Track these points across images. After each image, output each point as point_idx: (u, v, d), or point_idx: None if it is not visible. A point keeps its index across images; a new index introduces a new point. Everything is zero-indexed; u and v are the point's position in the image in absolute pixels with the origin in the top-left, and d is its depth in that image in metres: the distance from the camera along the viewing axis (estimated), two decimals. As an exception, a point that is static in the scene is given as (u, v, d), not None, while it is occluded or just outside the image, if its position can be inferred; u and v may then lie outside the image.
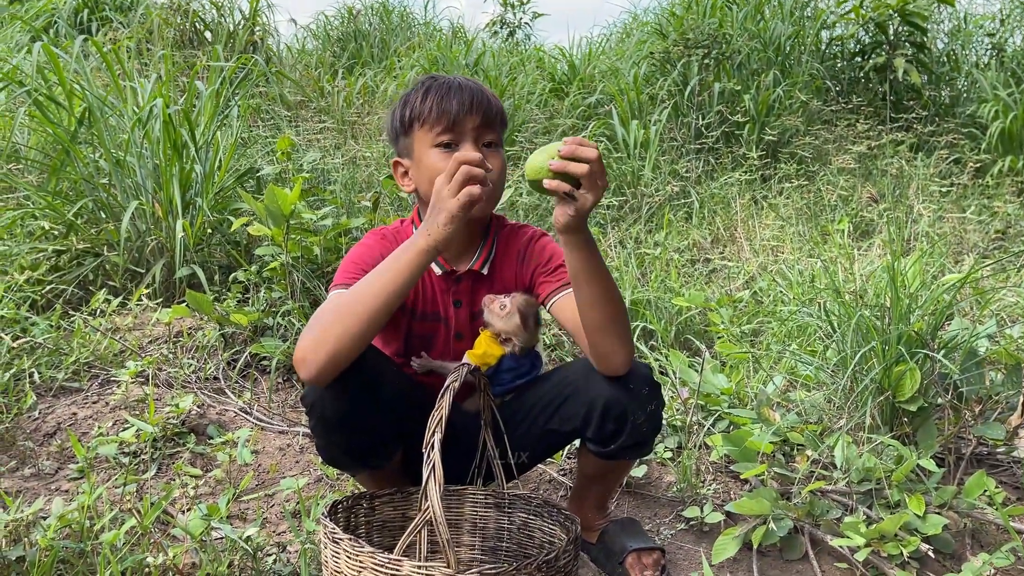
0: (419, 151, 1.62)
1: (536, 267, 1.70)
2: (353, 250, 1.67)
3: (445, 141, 1.59)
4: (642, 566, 1.72)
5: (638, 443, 1.64)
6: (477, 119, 1.59)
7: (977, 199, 4.81)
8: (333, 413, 1.51)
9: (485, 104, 1.61)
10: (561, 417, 1.65)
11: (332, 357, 1.40)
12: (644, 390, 1.58)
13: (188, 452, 2.25)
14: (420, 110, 1.60)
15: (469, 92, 1.60)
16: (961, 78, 6.53)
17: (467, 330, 1.71)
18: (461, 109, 1.58)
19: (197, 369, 2.72)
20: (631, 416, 1.57)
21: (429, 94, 1.60)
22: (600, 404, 1.57)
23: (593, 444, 1.66)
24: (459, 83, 1.62)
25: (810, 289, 3.09)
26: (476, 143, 1.60)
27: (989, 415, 2.10)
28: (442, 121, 1.58)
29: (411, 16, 8.11)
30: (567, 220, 1.38)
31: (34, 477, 2.11)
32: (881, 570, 1.73)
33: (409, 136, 1.64)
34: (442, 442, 1.28)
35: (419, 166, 1.63)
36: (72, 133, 3.29)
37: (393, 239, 1.67)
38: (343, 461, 1.68)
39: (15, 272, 2.94)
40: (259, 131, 4.71)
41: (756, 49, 6.02)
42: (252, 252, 3.16)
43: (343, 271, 1.60)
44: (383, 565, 1.27)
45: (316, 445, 1.64)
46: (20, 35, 5.39)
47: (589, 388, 1.59)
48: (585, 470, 1.79)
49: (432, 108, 1.59)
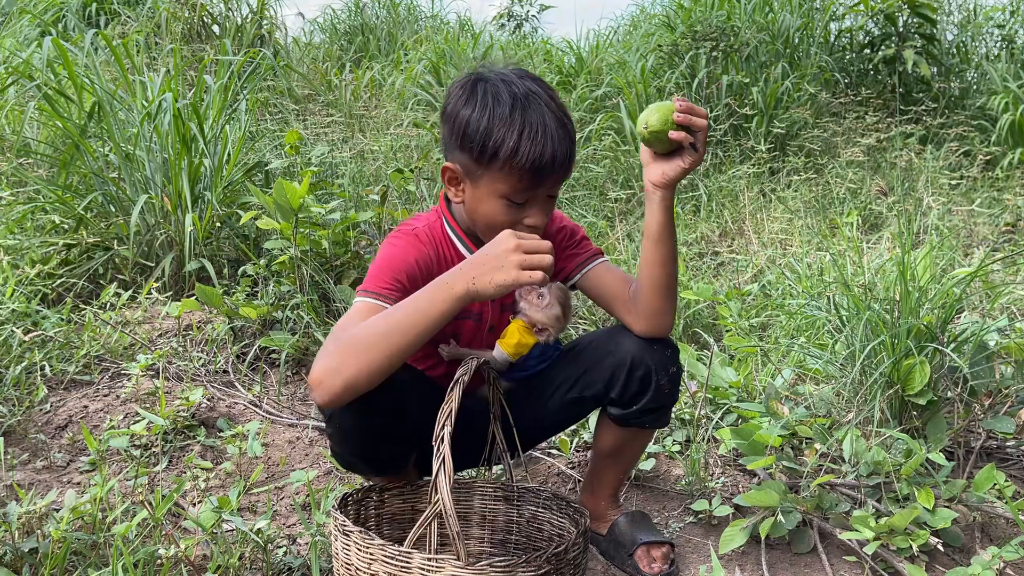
0: (485, 189, 1.50)
1: (558, 241, 1.68)
2: (385, 251, 1.56)
3: (518, 200, 1.49)
4: (651, 559, 1.73)
5: (659, 407, 1.67)
6: (559, 179, 1.52)
7: (987, 192, 4.79)
8: (352, 426, 1.49)
9: (569, 161, 1.50)
10: (585, 382, 1.67)
11: (348, 386, 1.32)
12: (667, 352, 1.63)
13: (198, 445, 2.26)
14: (510, 158, 1.44)
15: (563, 146, 1.47)
16: (971, 70, 6.49)
17: (498, 321, 1.71)
18: (552, 173, 1.48)
19: (207, 362, 2.74)
20: (655, 376, 1.61)
21: (524, 143, 1.43)
22: (627, 363, 1.61)
23: (616, 407, 1.67)
24: (554, 131, 1.46)
25: (819, 282, 3.08)
26: (544, 203, 1.53)
27: (999, 409, 2.10)
28: (527, 181, 1.46)
29: (418, 9, 8.11)
30: (675, 174, 1.48)
31: (46, 470, 2.13)
32: (890, 564, 1.73)
33: (482, 168, 1.48)
34: (455, 428, 1.27)
35: (479, 201, 1.52)
36: (82, 127, 3.30)
37: (428, 241, 1.58)
38: (360, 468, 1.67)
39: (26, 266, 2.96)
40: (267, 125, 4.72)
41: (764, 41, 5.99)
42: (261, 246, 3.18)
43: (374, 277, 1.49)
44: (393, 557, 1.28)
45: (332, 450, 1.63)
46: (29, 29, 5.41)
47: (614, 350, 1.63)
48: (603, 446, 1.79)
49: (525, 167, 1.44)
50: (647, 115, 1.46)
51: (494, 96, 1.47)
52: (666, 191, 1.51)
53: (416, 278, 1.49)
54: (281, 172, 3.54)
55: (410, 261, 1.51)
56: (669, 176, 1.49)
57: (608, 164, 5.02)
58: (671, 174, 1.48)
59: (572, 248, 1.69)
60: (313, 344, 2.78)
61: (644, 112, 1.48)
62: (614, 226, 4.20)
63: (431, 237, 1.59)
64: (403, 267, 1.50)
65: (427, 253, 1.56)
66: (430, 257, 1.56)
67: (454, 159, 1.53)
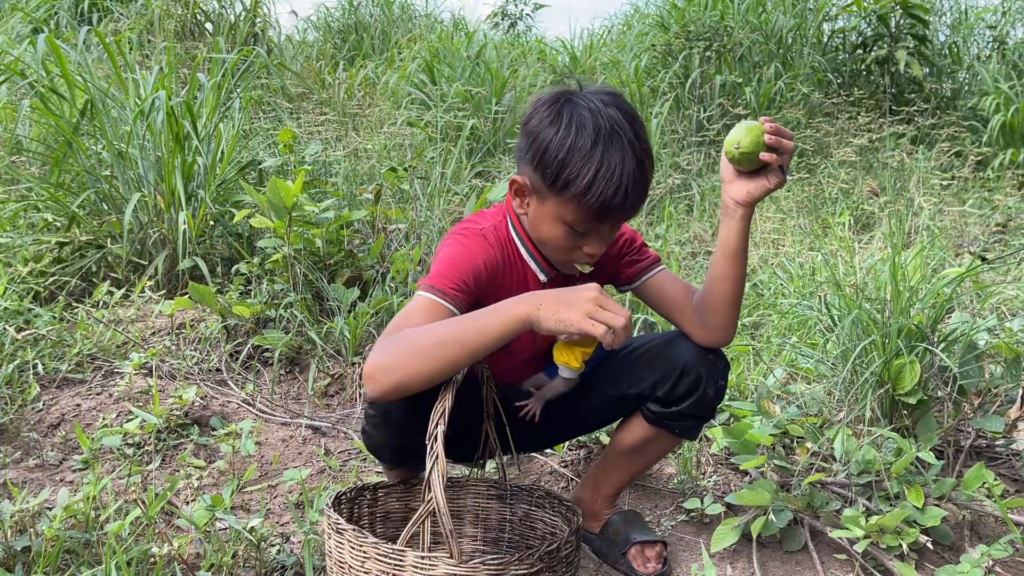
0: (550, 211, 1.47)
1: (619, 248, 1.68)
2: (454, 249, 1.53)
3: (580, 230, 1.47)
4: (645, 558, 1.74)
5: (697, 416, 1.68)
6: (622, 220, 1.50)
7: (978, 192, 4.82)
8: (401, 420, 1.47)
9: (639, 205, 1.47)
10: (632, 380, 1.68)
11: (398, 387, 1.32)
12: (720, 364, 1.65)
13: (192, 443, 2.26)
14: (580, 194, 1.40)
15: (636, 192, 1.43)
16: (962, 71, 6.53)
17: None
18: (619, 215, 1.45)
19: (200, 361, 2.74)
20: (704, 384, 1.62)
21: (598, 180, 1.39)
22: (679, 367, 1.62)
23: (656, 404, 1.67)
24: (632, 168, 1.41)
25: (811, 282, 3.10)
26: (606, 236, 1.51)
27: (988, 408, 2.11)
28: (591, 218, 1.44)
29: (412, 7, 8.09)
30: (759, 193, 1.50)
31: (38, 468, 2.12)
32: (880, 562, 1.74)
33: (552, 192, 1.45)
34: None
35: (541, 221, 1.50)
36: (74, 125, 3.30)
37: (495, 243, 1.56)
38: (386, 456, 1.67)
39: (18, 264, 2.95)
40: (261, 123, 4.71)
41: (758, 42, 6.01)
42: (254, 244, 3.17)
43: (439, 273, 1.47)
44: (387, 555, 1.28)
45: (364, 431, 1.61)
46: (21, 26, 5.39)
47: (670, 354, 1.64)
48: (623, 442, 1.76)
49: (593, 206, 1.41)
50: (738, 135, 1.46)
51: (579, 125, 1.42)
52: (747, 209, 1.52)
53: (482, 280, 1.50)
54: (275, 170, 3.54)
55: (478, 263, 1.50)
56: (753, 195, 1.50)
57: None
58: (755, 193, 1.50)
59: (633, 255, 1.69)
60: (307, 343, 2.78)
61: (733, 131, 1.48)
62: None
63: (498, 239, 1.58)
64: (471, 268, 1.49)
65: (494, 255, 1.54)
66: (497, 259, 1.54)
67: (525, 174, 1.50)
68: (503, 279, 1.55)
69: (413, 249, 3.01)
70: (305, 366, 2.77)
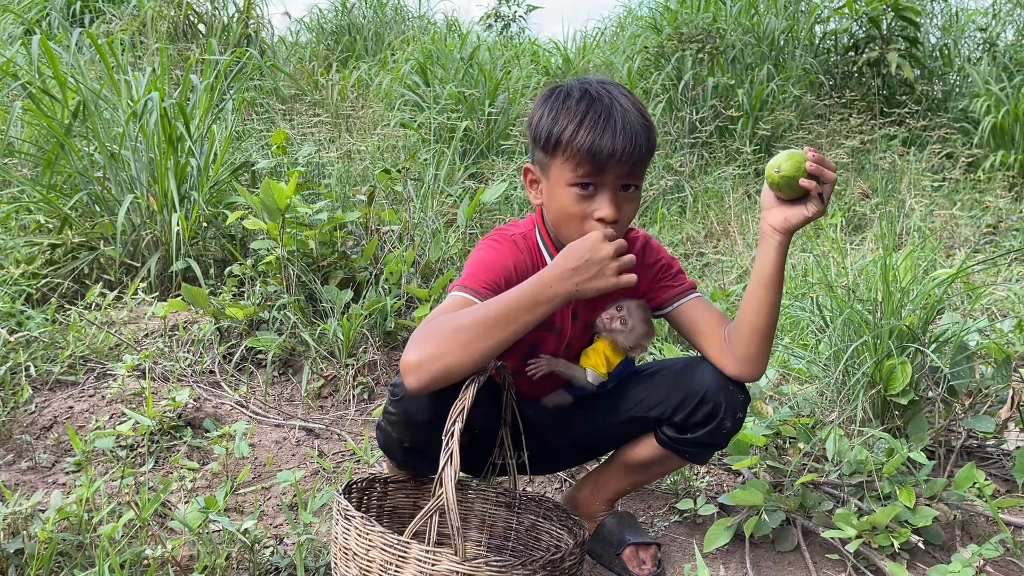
0: (554, 179, 1.52)
1: (655, 272, 1.69)
2: (484, 251, 1.58)
3: (585, 184, 1.48)
4: (639, 560, 1.74)
5: (710, 444, 1.67)
6: (625, 168, 1.48)
7: (969, 193, 4.84)
8: (420, 416, 1.48)
9: (639, 150, 1.48)
10: (651, 403, 1.67)
11: (448, 372, 1.33)
12: (741, 396, 1.63)
13: (185, 445, 2.26)
14: (569, 141, 1.46)
15: (628, 133, 1.46)
16: (953, 73, 6.56)
17: (579, 340, 1.71)
18: (613, 155, 1.45)
19: (193, 363, 2.73)
20: (722, 414, 1.60)
21: (584, 126, 1.46)
22: (699, 394, 1.61)
23: (671, 429, 1.67)
24: (617, 118, 1.47)
25: (803, 283, 3.11)
26: (615, 191, 1.50)
27: (979, 408, 2.13)
28: (587, 165, 1.46)
29: (405, 9, 8.09)
30: (797, 221, 1.48)
31: (31, 470, 2.12)
32: (872, 561, 1.75)
33: (549, 157, 1.52)
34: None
35: (551, 194, 1.54)
36: (67, 126, 3.29)
37: (525, 249, 1.61)
38: (397, 455, 1.65)
39: (10, 266, 2.94)
40: (254, 124, 4.71)
41: (750, 44, 6.03)
42: (247, 246, 3.17)
43: (472, 274, 1.51)
44: (392, 546, 1.29)
45: (379, 427, 1.61)
46: (13, 27, 5.37)
47: (692, 379, 1.63)
48: (632, 456, 1.76)
49: (582, 148, 1.45)
50: (780, 160, 1.46)
51: (566, 93, 1.52)
52: (785, 236, 1.50)
53: (512, 282, 1.50)
54: (268, 172, 3.54)
55: (508, 266, 1.55)
56: (791, 223, 1.49)
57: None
58: (793, 220, 1.48)
59: (668, 280, 1.69)
60: (300, 344, 2.78)
61: (776, 157, 1.48)
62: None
63: (527, 244, 1.62)
64: (502, 271, 1.53)
65: (523, 260, 1.59)
66: (526, 264, 1.58)
67: (532, 159, 1.59)
68: None
69: (407, 251, 3.01)
70: (298, 368, 2.77)
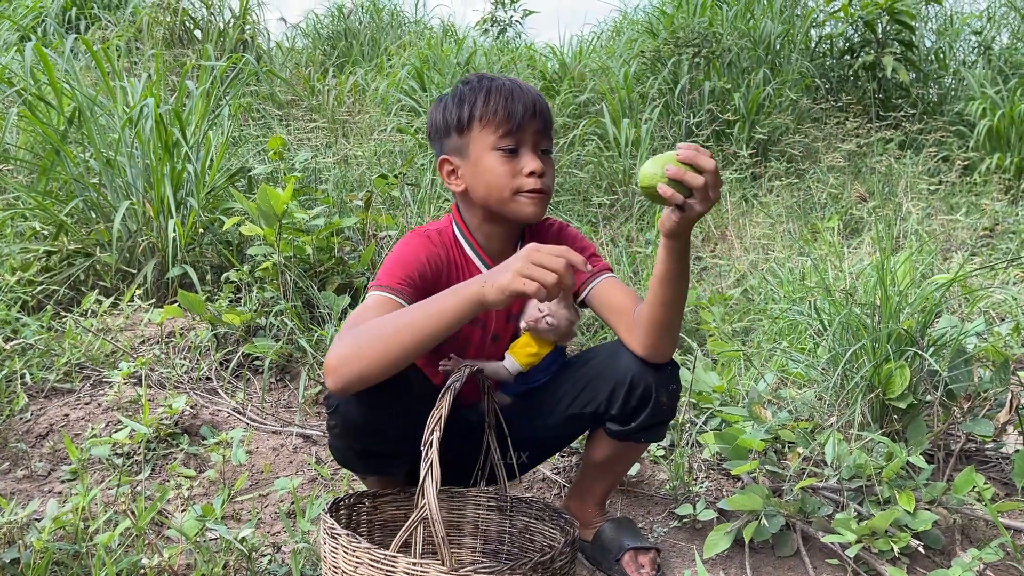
0: (477, 152, 1.59)
1: None
2: (397, 249, 1.63)
3: (508, 146, 1.57)
4: (638, 565, 1.74)
5: (656, 424, 1.67)
6: (538, 124, 1.59)
7: (965, 196, 4.85)
8: (357, 420, 1.49)
9: (545, 110, 1.61)
10: (585, 399, 1.67)
11: (362, 376, 1.36)
12: (667, 369, 1.63)
13: (182, 453, 2.25)
14: (483, 111, 1.57)
15: (531, 97, 1.59)
16: (949, 76, 6.57)
17: (503, 331, 1.72)
18: (526, 113, 1.57)
19: (189, 369, 2.72)
20: (655, 393, 1.61)
21: (492, 95, 1.58)
22: (627, 380, 1.61)
23: (614, 423, 1.67)
24: (520, 86, 1.60)
25: (800, 287, 3.11)
26: (535, 150, 1.59)
27: (978, 412, 2.12)
28: (506, 124, 1.57)
29: (402, 14, 8.10)
30: (672, 226, 1.39)
31: (27, 479, 2.11)
32: (872, 566, 1.75)
33: (465, 136, 1.60)
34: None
35: (476, 167, 1.60)
36: (62, 133, 3.28)
37: (439, 243, 1.65)
38: (356, 465, 1.67)
39: (6, 273, 2.93)
40: (250, 130, 4.70)
41: (746, 48, 6.04)
42: (244, 252, 3.16)
43: (387, 272, 1.55)
44: (379, 561, 1.28)
45: (331, 445, 1.62)
46: (8, 34, 5.37)
47: (616, 367, 1.62)
48: (595, 457, 1.79)
49: (497, 111, 1.56)
50: (643, 168, 1.34)
51: (462, 82, 1.64)
52: (672, 240, 1.43)
53: (427, 276, 1.57)
54: (264, 178, 3.53)
55: (421, 259, 1.58)
56: (667, 226, 1.39)
57: (592, 169, 5.03)
58: (667, 225, 1.39)
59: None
60: (297, 351, 2.77)
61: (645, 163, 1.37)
62: (598, 231, 4.22)
63: (442, 239, 1.66)
64: (415, 265, 1.57)
65: (437, 253, 1.62)
66: (440, 257, 1.63)
67: (444, 150, 1.65)
68: (450, 277, 1.62)
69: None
70: (296, 374, 2.76)
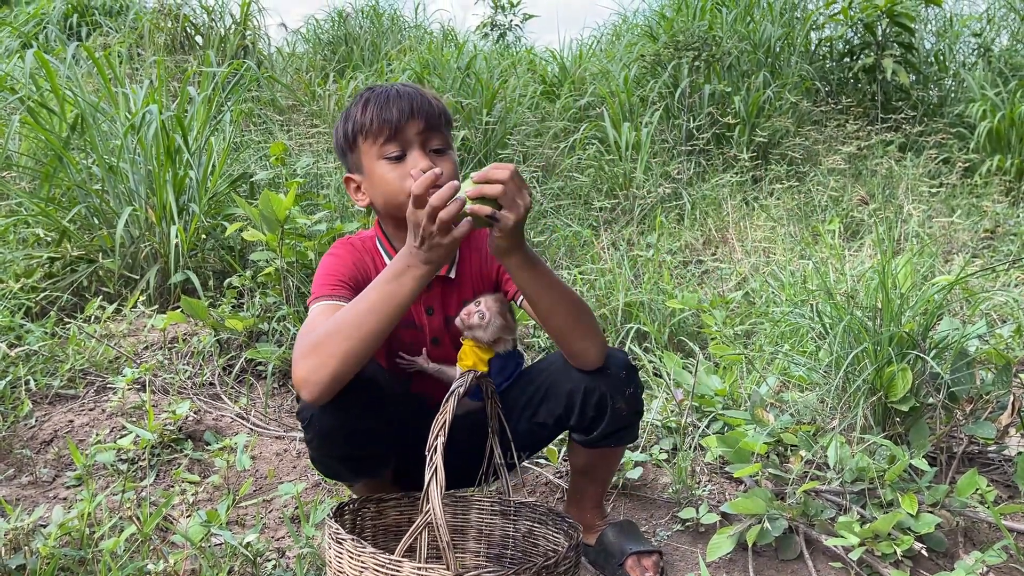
0: (368, 165, 1.60)
1: (501, 272, 1.70)
2: (324, 262, 1.65)
3: (392, 153, 1.56)
4: (642, 568, 1.74)
5: (621, 428, 1.67)
6: (420, 124, 1.56)
7: (966, 198, 4.85)
8: (331, 427, 1.50)
9: (426, 108, 1.58)
10: (545, 410, 1.67)
11: (335, 377, 1.38)
12: (621, 374, 1.62)
13: (186, 458, 2.25)
14: (362, 122, 1.58)
15: (408, 98, 1.57)
16: (948, 78, 6.58)
17: (442, 335, 1.71)
18: (402, 116, 1.55)
19: (193, 375, 2.73)
20: (610, 401, 1.60)
21: (368, 105, 1.58)
22: (580, 392, 1.61)
23: (577, 433, 1.69)
24: (397, 90, 1.59)
25: (802, 290, 3.11)
26: (423, 149, 1.57)
27: (980, 414, 2.13)
28: (384, 131, 1.56)
29: (401, 19, 8.11)
30: (497, 244, 1.38)
31: (31, 485, 2.11)
32: (875, 569, 1.75)
33: (355, 151, 1.62)
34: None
35: (370, 180, 1.61)
36: (65, 139, 3.29)
37: (363, 249, 1.68)
38: (340, 472, 1.67)
39: (9, 279, 2.94)
40: (251, 136, 4.71)
41: (746, 51, 6.05)
42: (246, 257, 3.17)
43: (320, 284, 1.58)
44: (384, 566, 1.29)
45: (312, 458, 1.63)
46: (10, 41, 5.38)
47: (568, 378, 1.62)
48: (575, 465, 1.82)
49: (373, 119, 1.56)
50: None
51: (352, 102, 1.64)
52: (506, 258, 1.42)
53: (357, 279, 1.60)
54: (266, 183, 3.54)
55: (349, 264, 1.62)
56: (493, 247, 1.40)
57: (592, 173, 5.04)
58: (493, 246, 1.40)
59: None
60: (300, 356, 2.77)
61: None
62: (599, 235, 4.22)
63: (364, 246, 1.69)
64: (344, 270, 1.61)
65: (361, 257, 1.66)
66: (364, 261, 1.66)
67: (346, 168, 1.67)
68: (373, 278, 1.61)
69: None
70: (299, 379, 2.76)
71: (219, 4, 6.20)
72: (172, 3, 6.01)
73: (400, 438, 1.61)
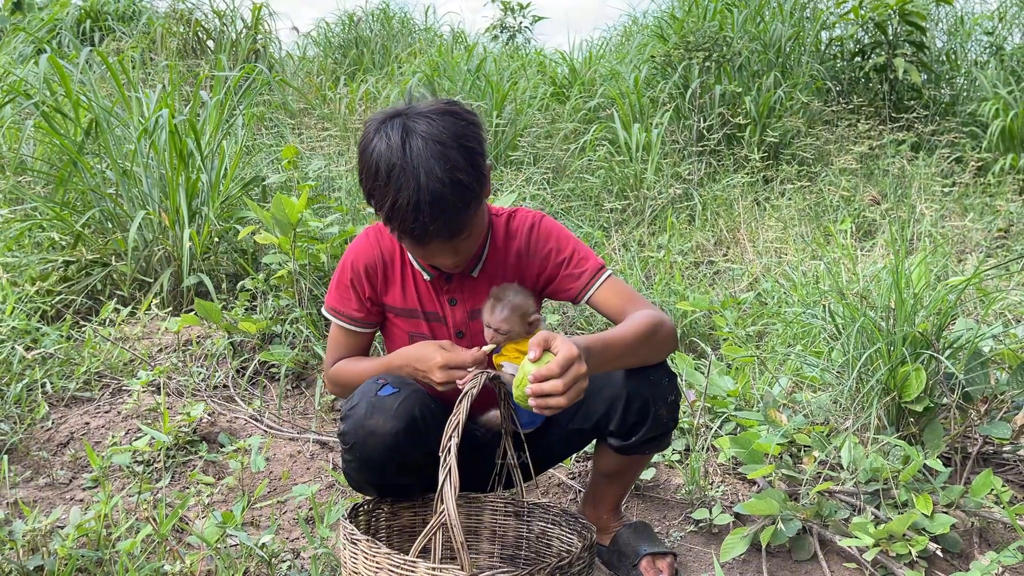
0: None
1: (550, 261, 1.67)
2: (344, 261, 1.69)
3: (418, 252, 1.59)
4: (656, 570, 1.74)
5: (659, 435, 1.67)
6: (445, 239, 1.46)
7: (979, 198, 4.83)
8: (373, 460, 1.53)
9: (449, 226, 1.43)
10: (584, 415, 1.67)
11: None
12: (664, 381, 1.63)
13: (201, 460, 2.26)
14: (390, 220, 1.45)
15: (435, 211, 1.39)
16: (960, 77, 6.55)
17: (466, 328, 1.68)
18: (428, 239, 1.45)
19: (206, 377, 2.74)
20: (653, 407, 1.61)
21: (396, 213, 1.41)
22: (623, 396, 1.60)
23: (615, 438, 1.67)
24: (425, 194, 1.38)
25: (814, 290, 3.10)
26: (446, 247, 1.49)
27: (995, 414, 2.12)
28: (411, 246, 1.55)
29: (412, 22, 8.13)
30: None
31: (48, 487, 2.13)
32: (890, 570, 1.75)
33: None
34: (460, 450, 1.29)
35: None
36: (79, 144, 3.32)
37: (381, 242, 1.67)
38: (370, 492, 1.68)
39: (25, 283, 2.97)
40: (263, 139, 4.73)
41: (756, 51, 6.03)
42: (259, 260, 3.19)
43: (333, 288, 1.71)
44: (399, 566, 1.30)
45: (345, 472, 1.64)
46: (24, 47, 5.43)
47: (611, 382, 1.62)
48: (602, 468, 1.80)
49: (403, 236, 1.47)
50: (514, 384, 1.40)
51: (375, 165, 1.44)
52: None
53: (362, 278, 1.67)
54: (278, 186, 3.56)
55: (357, 266, 1.67)
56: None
57: (603, 175, 5.04)
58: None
59: (571, 267, 1.67)
60: (312, 358, 2.79)
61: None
62: (610, 236, 4.22)
63: (389, 238, 1.66)
64: (348, 274, 1.68)
65: (374, 254, 1.67)
66: (377, 257, 1.67)
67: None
68: (390, 276, 1.68)
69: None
70: (312, 381, 2.78)
71: (231, 9, 6.24)
72: (184, 8, 6.05)
73: (436, 467, 1.60)
